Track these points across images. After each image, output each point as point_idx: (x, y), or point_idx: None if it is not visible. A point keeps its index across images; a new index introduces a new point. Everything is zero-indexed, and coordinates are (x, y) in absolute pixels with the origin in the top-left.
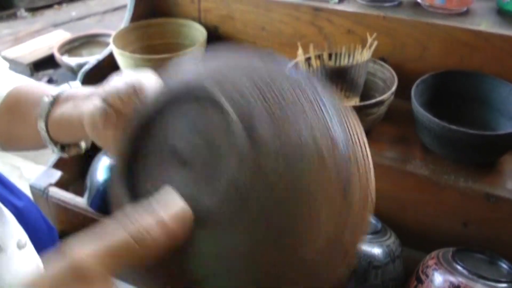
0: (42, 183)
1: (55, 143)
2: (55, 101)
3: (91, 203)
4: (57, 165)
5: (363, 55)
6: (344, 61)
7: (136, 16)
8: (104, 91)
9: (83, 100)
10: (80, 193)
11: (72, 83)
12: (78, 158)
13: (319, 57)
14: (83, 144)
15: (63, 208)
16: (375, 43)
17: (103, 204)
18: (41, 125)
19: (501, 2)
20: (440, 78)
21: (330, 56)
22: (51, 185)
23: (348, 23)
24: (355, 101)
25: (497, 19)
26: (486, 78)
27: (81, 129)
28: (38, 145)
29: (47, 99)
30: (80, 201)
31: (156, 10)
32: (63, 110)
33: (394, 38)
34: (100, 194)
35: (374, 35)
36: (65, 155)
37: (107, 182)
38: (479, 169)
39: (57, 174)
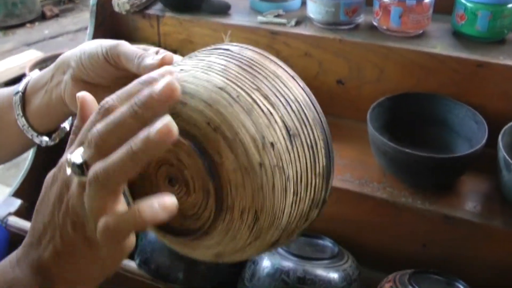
0: (1, 212)
1: (41, 134)
2: (25, 96)
3: None
4: (17, 193)
5: None
6: None
7: None
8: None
9: (52, 81)
10: None
11: (32, 73)
12: (38, 185)
13: None
14: (66, 125)
15: (22, 238)
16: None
17: None
18: (22, 122)
19: (456, 24)
20: (397, 100)
21: None
22: (10, 214)
23: (305, 46)
24: None
25: (452, 41)
26: (442, 100)
27: (64, 108)
28: (16, 150)
29: (16, 97)
30: None
31: (116, 34)
32: (38, 100)
33: (350, 61)
34: None
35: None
36: (53, 142)
37: None
38: (436, 191)
39: (16, 203)
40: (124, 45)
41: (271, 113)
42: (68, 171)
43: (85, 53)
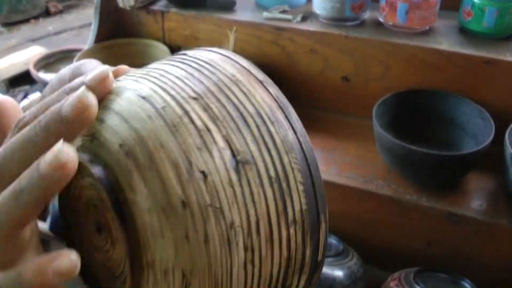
0: None
1: None
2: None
3: (52, 227)
4: None
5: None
6: None
7: (101, 37)
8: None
9: None
10: (43, 218)
11: (31, 96)
12: None
13: None
14: None
15: None
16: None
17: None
18: None
19: (463, 20)
20: (402, 97)
21: None
22: None
23: (310, 42)
24: None
25: (459, 37)
26: (449, 97)
27: None
28: None
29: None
30: (42, 226)
31: (121, 30)
32: None
33: (356, 58)
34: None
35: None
36: None
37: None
38: (442, 188)
39: None
40: (89, 63)
41: (208, 129)
42: None
43: (56, 75)
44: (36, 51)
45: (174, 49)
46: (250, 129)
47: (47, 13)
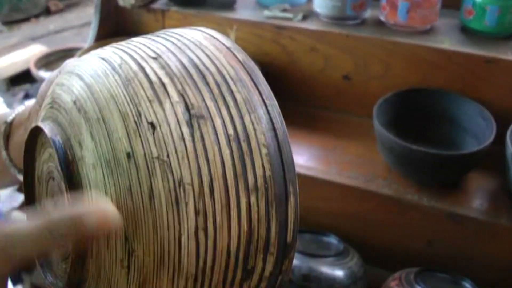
0: (5, 207)
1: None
2: (10, 128)
3: None
4: (22, 188)
5: None
6: None
7: (101, 35)
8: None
9: (28, 121)
10: None
11: (27, 102)
12: None
13: None
14: None
15: None
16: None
17: None
18: (3, 154)
19: (464, 19)
20: (403, 96)
21: None
22: (14, 209)
23: (310, 41)
24: None
25: (460, 36)
26: (450, 96)
27: None
28: (10, 182)
29: (2, 128)
30: None
31: (121, 29)
32: (16, 137)
33: (357, 56)
34: None
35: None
36: None
37: None
38: (443, 188)
39: (20, 198)
40: None
41: (162, 83)
42: None
43: (46, 78)
44: (36, 50)
45: None
46: (209, 86)
47: (47, 12)
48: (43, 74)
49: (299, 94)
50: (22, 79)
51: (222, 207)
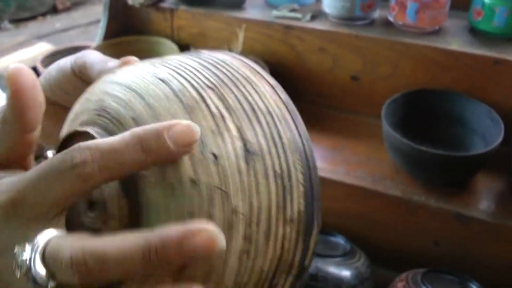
0: None
1: None
2: None
3: None
4: None
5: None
6: None
7: (109, 34)
8: None
9: None
10: None
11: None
12: None
13: None
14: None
15: None
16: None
17: None
18: None
19: (472, 20)
20: (412, 97)
21: None
22: None
23: (319, 41)
24: None
25: (469, 37)
26: (458, 97)
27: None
28: None
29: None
30: None
31: (129, 27)
32: None
33: (365, 57)
34: None
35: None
36: None
37: None
38: (450, 189)
39: None
40: (90, 53)
41: (222, 116)
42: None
43: (55, 66)
44: (43, 48)
45: (182, 47)
46: (261, 124)
47: (54, 10)
48: None
49: (307, 93)
50: None
51: (264, 235)
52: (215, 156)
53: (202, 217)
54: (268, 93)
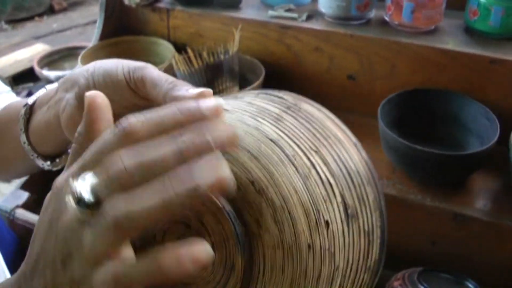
0: (8, 205)
1: (42, 156)
2: (32, 110)
3: None
4: (25, 186)
5: (232, 49)
6: (221, 57)
7: (105, 34)
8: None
9: (54, 98)
10: None
11: (48, 86)
12: (46, 178)
13: (199, 56)
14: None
15: (29, 230)
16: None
17: None
18: (23, 138)
19: (468, 20)
20: (408, 96)
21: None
22: (18, 206)
23: (315, 41)
24: (236, 90)
25: (465, 37)
26: (454, 96)
27: (61, 131)
28: (28, 168)
29: (23, 110)
30: None
31: (125, 27)
32: (39, 117)
33: (361, 57)
34: None
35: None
36: (56, 168)
37: None
38: (446, 188)
39: (24, 195)
40: (152, 68)
41: (330, 184)
42: (69, 200)
43: (100, 68)
44: (40, 49)
45: (179, 47)
46: (355, 186)
47: (51, 11)
48: (46, 72)
49: (303, 93)
50: (25, 78)
51: (351, 282)
52: (327, 222)
53: (313, 277)
54: (355, 153)
